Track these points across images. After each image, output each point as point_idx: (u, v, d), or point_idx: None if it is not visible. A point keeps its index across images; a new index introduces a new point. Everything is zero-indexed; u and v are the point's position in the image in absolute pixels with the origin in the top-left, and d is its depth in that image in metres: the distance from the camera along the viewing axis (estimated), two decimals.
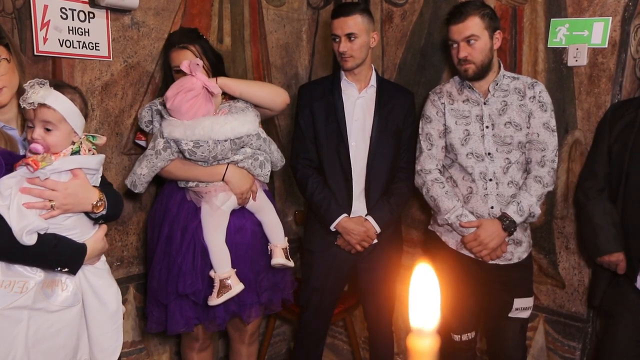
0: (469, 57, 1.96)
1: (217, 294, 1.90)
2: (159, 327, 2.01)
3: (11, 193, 1.31)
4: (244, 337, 2.24)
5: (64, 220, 1.42)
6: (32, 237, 1.31)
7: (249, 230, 2.05)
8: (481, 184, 2.02)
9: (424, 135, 2.15)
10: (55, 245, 1.39)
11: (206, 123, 1.84)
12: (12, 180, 1.33)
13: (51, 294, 1.41)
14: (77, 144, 1.44)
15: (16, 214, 1.30)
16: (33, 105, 1.35)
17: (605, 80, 2.03)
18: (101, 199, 1.48)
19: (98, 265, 1.55)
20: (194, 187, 1.95)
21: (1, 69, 1.39)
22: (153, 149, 1.88)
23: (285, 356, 3.01)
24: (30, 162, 1.32)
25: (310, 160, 2.28)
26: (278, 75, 2.76)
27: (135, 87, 2.14)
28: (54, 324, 1.41)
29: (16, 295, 1.33)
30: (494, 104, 2.02)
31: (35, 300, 1.36)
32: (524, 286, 2.07)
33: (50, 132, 1.38)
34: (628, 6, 1.96)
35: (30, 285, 1.35)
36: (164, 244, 1.97)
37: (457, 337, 2.17)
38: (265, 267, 2.09)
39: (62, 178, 1.40)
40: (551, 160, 1.99)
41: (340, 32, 2.14)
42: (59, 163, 1.38)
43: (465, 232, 2.01)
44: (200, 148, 1.85)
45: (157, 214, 2.04)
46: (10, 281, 1.33)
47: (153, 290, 1.98)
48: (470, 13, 1.94)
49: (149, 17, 2.14)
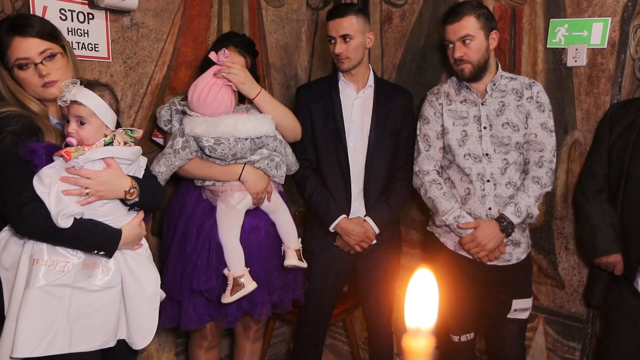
0: (465, 57, 1.96)
1: (231, 292, 1.93)
2: (171, 323, 2.03)
3: (51, 181, 1.44)
4: (249, 333, 2.25)
5: (100, 207, 1.53)
6: (68, 220, 1.43)
7: (263, 230, 2.06)
8: (479, 185, 2.01)
9: (421, 136, 2.15)
10: (91, 229, 1.50)
11: (229, 120, 1.87)
12: (52, 170, 1.45)
13: (91, 274, 1.52)
14: (109, 136, 1.55)
15: (54, 200, 1.42)
16: (66, 102, 1.48)
17: (605, 81, 2.03)
18: (134, 186, 1.56)
19: (140, 251, 1.66)
20: (210, 185, 1.97)
21: (57, 63, 1.55)
22: (172, 148, 1.91)
23: (285, 357, 3.01)
24: (63, 154, 1.44)
25: (309, 161, 2.28)
26: (277, 76, 2.76)
27: (135, 88, 2.14)
28: (94, 302, 1.52)
29: (58, 273, 1.46)
30: (492, 104, 2.02)
31: (76, 279, 1.48)
32: (523, 287, 2.07)
33: (83, 126, 1.49)
34: (627, 6, 1.96)
35: (71, 266, 1.48)
36: (179, 242, 1.99)
37: (456, 338, 2.17)
38: (277, 267, 2.10)
39: (96, 167, 1.51)
40: (549, 160, 1.99)
41: (335, 33, 2.14)
42: (90, 152, 1.49)
43: (463, 233, 2.01)
44: (221, 145, 1.87)
45: (173, 212, 2.06)
46: (53, 261, 1.46)
47: (167, 286, 1.98)
48: (465, 13, 1.94)
49: (149, 18, 2.14)
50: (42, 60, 1.52)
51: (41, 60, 1.52)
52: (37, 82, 1.53)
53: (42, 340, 1.41)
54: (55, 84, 1.54)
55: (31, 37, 1.51)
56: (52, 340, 1.42)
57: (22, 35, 1.50)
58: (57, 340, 1.43)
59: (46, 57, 1.53)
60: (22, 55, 1.50)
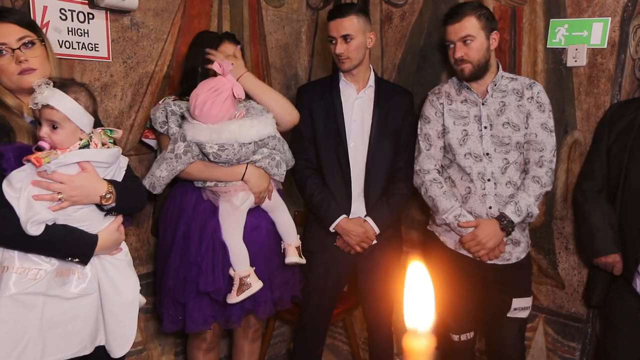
0: (465, 57, 1.97)
1: (237, 292, 1.92)
2: (175, 327, 2.01)
3: (22, 185, 1.37)
4: (247, 333, 2.24)
5: (74, 212, 1.46)
6: (39, 227, 1.36)
7: (264, 229, 2.07)
8: (479, 184, 2.02)
9: (422, 135, 2.15)
10: (65, 236, 1.43)
11: (233, 127, 1.84)
12: (23, 174, 1.38)
13: (66, 281, 1.46)
14: (85, 139, 1.48)
15: (24, 205, 1.35)
16: (38, 105, 1.40)
17: (605, 81, 2.03)
18: (110, 191, 1.50)
19: (119, 256, 1.59)
20: (212, 186, 1.95)
21: (35, 51, 1.48)
22: (173, 152, 1.88)
23: (285, 357, 3.01)
24: (32, 159, 1.37)
25: (309, 161, 2.28)
26: (277, 76, 2.76)
27: (135, 88, 2.14)
28: (70, 310, 1.46)
29: (30, 281, 1.39)
30: (492, 104, 2.02)
31: (49, 287, 1.42)
32: (523, 286, 2.08)
33: (55, 131, 1.43)
34: (627, 7, 1.96)
35: (43, 273, 1.41)
36: (180, 243, 1.97)
37: (455, 337, 2.17)
38: (278, 265, 2.10)
39: (70, 171, 1.44)
40: (549, 160, 1.99)
41: (336, 33, 2.14)
42: (64, 157, 1.42)
43: (463, 232, 2.01)
44: (226, 151, 1.86)
45: (171, 213, 2.04)
46: (24, 268, 1.39)
47: (169, 289, 1.98)
48: (466, 13, 1.95)
49: (149, 18, 2.14)
50: (20, 46, 1.46)
51: (19, 46, 1.45)
52: (14, 69, 1.46)
53: (12, 351, 1.35)
54: (33, 72, 1.47)
55: (9, 22, 1.45)
56: (23, 351, 1.37)
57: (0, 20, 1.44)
58: (28, 351, 1.38)
59: (24, 44, 1.46)
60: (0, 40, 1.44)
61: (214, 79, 1.86)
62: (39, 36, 1.52)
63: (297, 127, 2.29)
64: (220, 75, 1.85)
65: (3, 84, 1.49)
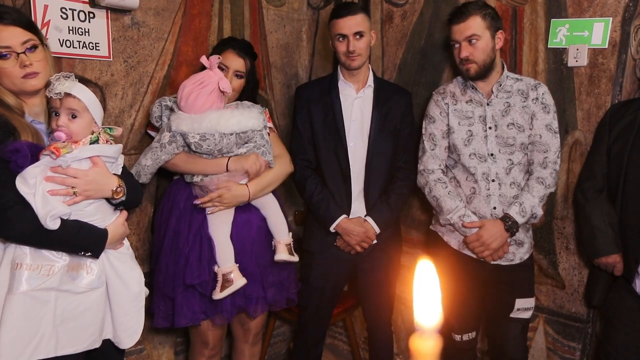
0: (471, 56, 1.96)
1: (221, 288, 1.94)
2: (166, 323, 2.01)
3: (36, 181, 1.39)
4: (248, 337, 2.24)
5: (86, 207, 1.50)
6: (56, 222, 1.39)
7: (255, 225, 2.07)
8: (484, 185, 2.01)
9: (427, 135, 2.15)
10: (78, 230, 1.47)
11: (213, 116, 1.87)
12: (37, 170, 1.41)
13: (76, 276, 1.50)
14: (95, 134, 1.53)
15: (41, 201, 1.38)
16: (60, 95, 1.45)
17: (606, 81, 2.03)
18: (120, 185, 1.55)
19: (122, 250, 1.64)
20: (199, 182, 1.97)
21: (38, 55, 1.51)
22: (158, 142, 1.92)
23: (285, 356, 3.00)
24: (52, 150, 1.41)
25: (309, 161, 2.28)
26: (278, 76, 2.76)
27: (135, 87, 2.13)
28: (80, 304, 1.49)
29: (43, 277, 1.42)
30: (497, 105, 2.02)
31: (61, 282, 1.46)
32: (526, 286, 2.07)
33: (74, 120, 1.48)
34: (628, 7, 1.97)
35: (56, 269, 1.45)
36: (171, 239, 1.99)
37: (458, 337, 2.17)
38: (270, 262, 2.10)
39: (83, 166, 1.49)
40: (553, 161, 1.99)
41: (347, 31, 2.14)
42: (78, 151, 1.47)
43: (467, 232, 2.01)
44: (207, 141, 1.88)
45: (165, 210, 2.05)
46: (37, 265, 1.42)
47: (159, 284, 1.99)
48: (472, 13, 1.94)
49: (149, 17, 2.14)
50: (25, 50, 1.47)
51: (24, 50, 1.47)
52: (18, 73, 1.47)
53: (27, 347, 1.38)
54: (37, 75, 1.50)
55: (12, 25, 1.46)
56: (37, 345, 1.40)
57: (1, 22, 1.45)
58: (42, 345, 1.41)
59: (28, 48, 1.48)
60: (3, 44, 1.44)
61: (202, 72, 1.91)
62: (40, 38, 1.54)
63: (296, 127, 2.29)
64: (207, 69, 1.90)
65: (4, 85, 1.49)
